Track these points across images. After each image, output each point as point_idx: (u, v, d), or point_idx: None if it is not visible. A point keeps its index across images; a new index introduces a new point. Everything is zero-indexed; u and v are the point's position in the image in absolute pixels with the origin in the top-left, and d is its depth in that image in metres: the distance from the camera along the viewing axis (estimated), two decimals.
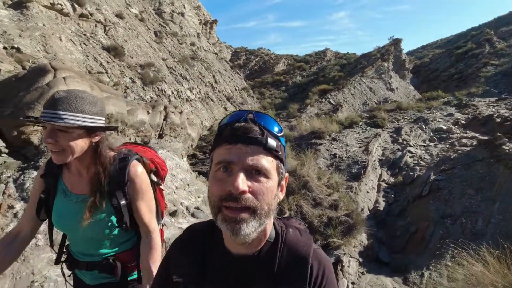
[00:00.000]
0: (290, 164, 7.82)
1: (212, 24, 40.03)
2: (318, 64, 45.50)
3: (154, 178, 1.50)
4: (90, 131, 1.21)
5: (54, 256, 1.43)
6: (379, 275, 5.00)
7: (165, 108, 5.82)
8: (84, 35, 13.45)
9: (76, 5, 13.83)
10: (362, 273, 5.00)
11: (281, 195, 0.72)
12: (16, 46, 9.19)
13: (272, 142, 0.65)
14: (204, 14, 38.93)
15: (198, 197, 5.45)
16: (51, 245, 1.42)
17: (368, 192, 7.68)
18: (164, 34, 23.77)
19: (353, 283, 4.74)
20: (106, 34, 15.23)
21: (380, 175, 8.64)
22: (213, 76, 24.60)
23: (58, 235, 1.65)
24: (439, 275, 4.70)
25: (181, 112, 6.17)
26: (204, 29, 37.83)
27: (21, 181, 2.94)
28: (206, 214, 4.81)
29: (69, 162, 1.22)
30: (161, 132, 5.64)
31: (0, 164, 2.94)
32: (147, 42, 19.26)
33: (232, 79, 28.91)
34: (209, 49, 31.52)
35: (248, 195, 0.63)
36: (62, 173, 1.34)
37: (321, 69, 40.98)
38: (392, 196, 7.46)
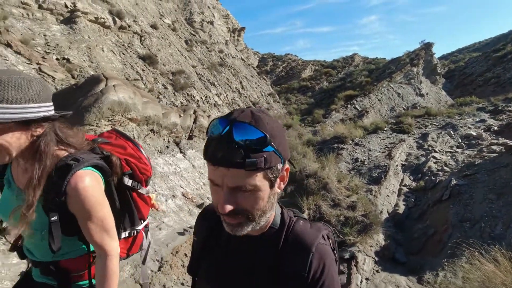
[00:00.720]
0: (311, 167, 8.13)
1: (240, 31, 41.09)
2: (345, 69, 45.12)
3: (127, 182, 1.29)
4: (24, 123, 0.99)
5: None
6: (394, 273, 5.19)
7: (195, 112, 6.40)
8: (123, 45, 14.62)
9: (116, 18, 15.07)
10: (377, 271, 5.21)
11: (282, 185, 0.73)
12: (66, 57, 10.32)
13: (252, 161, 0.62)
14: (232, 22, 40.11)
15: None
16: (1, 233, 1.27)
17: (388, 195, 7.79)
18: (194, 42, 24.92)
19: (367, 279, 4.97)
20: (142, 44, 16.38)
21: (402, 180, 8.69)
22: (240, 82, 25.34)
23: None
24: (453, 276, 4.81)
25: (209, 116, 6.74)
26: (232, 37, 38.95)
27: None
28: None
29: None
30: (190, 134, 6.21)
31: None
32: (178, 50, 20.35)
33: (258, 85, 29.54)
34: (237, 56, 32.44)
35: (237, 209, 0.67)
36: (12, 163, 1.17)
37: (348, 74, 40.64)
38: (413, 200, 7.53)
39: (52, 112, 1.05)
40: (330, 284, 0.71)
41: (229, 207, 0.65)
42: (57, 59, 9.93)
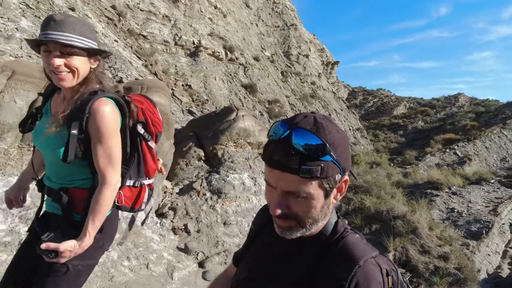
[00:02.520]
0: (400, 209, 8.01)
1: (334, 65, 41.85)
2: (446, 109, 41.21)
3: (140, 130, 1.42)
4: (91, 54, 1.25)
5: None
6: None
7: None
8: (230, 75, 16.81)
9: (228, 52, 17.49)
10: None
11: (339, 196, 0.72)
12: (189, 83, 12.56)
13: (307, 169, 0.62)
14: (327, 56, 41.23)
15: None
16: (32, 163, 1.47)
17: (489, 255, 7.08)
18: (289, 74, 26.60)
19: None
20: (245, 74, 18.47)
21: (510, 241, 7.76)
22: (329, 114, 25.74)
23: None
24: None
25: None
26: (325, 69, 39.93)
27: (209, 179, 4.60)
28: None
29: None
30: None
31: (200, 166, 4.70)
32: (275, 80, 22.10)
33: (347, 118, 29.39)
34: (328, 88, 33.08)
35: (288, 213, 0.67)
36: (52, 96, 1.37)
37: (450, 115, 37.06)
38: None
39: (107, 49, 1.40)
40: None
41: (279, 211, 0.66)
42: (182, 85, 12.18)
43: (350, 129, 27.66)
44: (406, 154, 20.73)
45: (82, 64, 1.23)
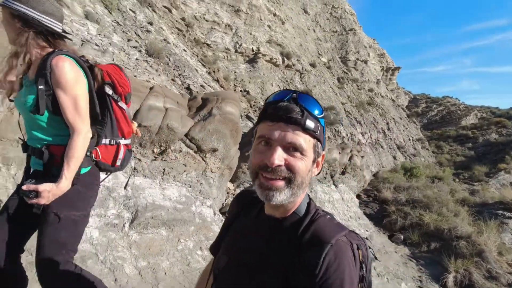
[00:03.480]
0: (464, 229, 7.50)
1: (394, 71, 39.76)
2: None
3: (108, 91, 1.54)
4: (15, 18, 1.37)
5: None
6: None
7: (351, 151, 7.19)
8: (286, 81, 17.10)
9: (285, 58, 17.82)
10: None
11: (316, 171, 0.77)
12: (247, 89, 13.14)
13: (310, 123, 0.69)
14: (387, 61, 39.33)
15: (366, 231, 6.38)
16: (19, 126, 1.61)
17: None
18: (345, 80, 26.02)
19: None
20: (301, 80, 18.61)
21: None
22: (387, 123, 24.57)
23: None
24: None
25: (362, 157, 7.38)
26: (384, 75, 38.13)
27: None
28: (373, 244, 5.70)
29: None
30: (344, 170, 7.01)
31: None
32: (330, 87, 21.84)
33: (406, 128, 27.74)
34: (387, 96, 31.55)
35: (283, 167, 0.69)
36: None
37: None
38: None
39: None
40: (342, 283, 0.64)
41: (278, 161, 0.68)
42: (240, 91, 12.79)
43: (409, 139, 26.05)
44: (474, 169, 18.92)
45: (6, 24, 1.40)
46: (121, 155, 1.62)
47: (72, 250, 1.48)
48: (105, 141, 1.55)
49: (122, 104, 1.60)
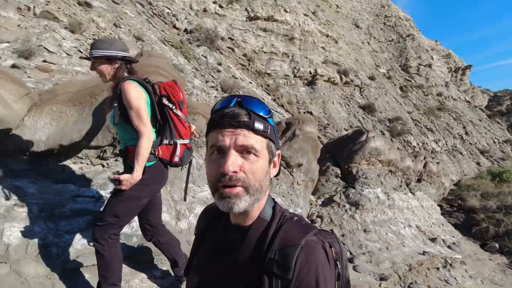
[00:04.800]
0: None
1: (465, 70, 36.60)
2: None
3: (165, 101, 1.96)
4: (109, 60, 1.89)
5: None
6: None
7: (425, 158, 7.22)
8: (346, 97, 17.32)
9: (343, 76, 18.14)
10: None
11: (274, 171, 0.76)
12: (309, 110, 13.79)
13: (259, 124, 0.69)
14: (455, 61, 36.49)
15: (452, 237, 6.30)
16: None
17: None
18: (409, 88, 24.96)
19: None
20: (361, 95, 18.59)
21: None
22: (464, 127, 22.63)
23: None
24: None
25: (438, 163, 7.33)
26: (454, 77, 35.33)
27: (346, 193, 5.35)
28: (462, 250, 5.64)
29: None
30: (419, 177, 7.05)
31: (338, 182, 5.54)
32: (393, 97, 21.23)
33: (489, 129, 25.06)
34: (459, 98, 29.11)
35: (240, 174, 0.68)
36: None
37: None
38: None
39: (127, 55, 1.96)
40: (316, 284, 0.63)
41: (233, 167, 0.66)
42: (304, 112, 13.48)
43: (495, 142, 23.43)
44: None
45: (102, 67, 1.91)
46: (178, 152, 1.98)
47: (121, 220, 1.92)
48: (165, 141, 1.95)
49: (177, 111, 2.00)
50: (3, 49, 5.37)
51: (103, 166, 2.83)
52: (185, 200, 1.92)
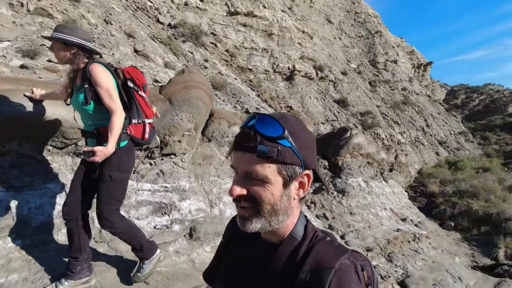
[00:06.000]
0: (511, 211, 8.20)
1: (426, 66, 39.34)
2: None
3: (130, 84, 2.05)
4: (66, 44, 1.92)
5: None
6: None
7: (395, 150, 8.30)
8: (322, 92, 18.37)
9: (318, 71, 19.14)
10: None
11: (302, 193, 0.72)
12: (289, 105, 14.61)
13: (263, 148, 0.65)
14: (417, 58, 39.10)
15: (418, 217, 7.44)
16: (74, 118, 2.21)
17: None
18: (377, 83, 26.66)
19: None
20: (335, 89, 19.74)
21: None
22: (425, 120, 24.73)
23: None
24: None
25: (406, 155, 8.45)
26: (416, 72, 37.89)
27: (334, 182, 6.22)
28: (426, 227, 6.76)
29: None
30: (391, 167, 8.12)
31: (326, 172, 6.39)
32: (364, 92, 22.68)
33: (446, 122, 27.52)
34: (421, 92, 31.47)
35: (247, 197, 0.68)
36: None
37: None
38: None
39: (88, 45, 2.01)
40: None
41: (237, 190, 0.67)
42: (284, 107, 14.29)
43: (451, 134, 25.86)
44: None
45: (59, 49, 1.96)
46: (147, 130, 2.14)
47: (120, 201, 2.09)
48: (134, 121, 2.07)
49: (141, 93, 2.15)
50: (5, 48, 5.52)
51: (150, 164, 3.39)
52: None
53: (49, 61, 5.72)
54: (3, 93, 2.37)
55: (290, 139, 0.66)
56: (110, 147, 1.86)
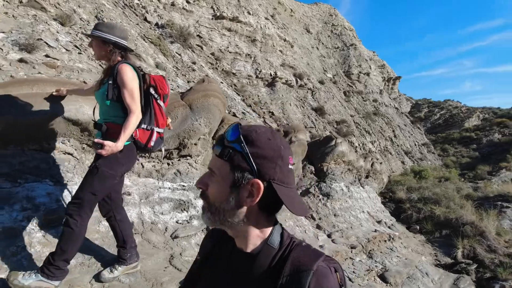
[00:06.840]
0: (468, 217, 9.21)
1: (395, 80, 41.83)
2: None
3: (152, 91, 2.13)
4: (104, 42, 2.03)
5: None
6: None
7: (371, 159, 9.05)
8: (301, 99, 19.13)
9: (298, 79, 19.91)
10: None
11: (250, 201, 0.71)
12: (271, 111, 15.14)
13: (217, 148, 0.73)
14: (388, 72, 41.47)
15: (390, 220, 8.18)
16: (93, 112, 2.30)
17: None
18: (351, 93, 28.05)
19: None
20: (313, 98, 20.62)
21: None
22: (393, 131, 26.39)
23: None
24: None
25: (381, 163, 9.24)
26: (386, 85, 40.18)
27: (319, 186, 6.76)
28: (397, 229, 7.49)
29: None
30: (367, 174, 8.85)
31: (312, 177, 6.92)
32: (339, 101, 23.83)
33: (412, 134, 29.51)
34: (390, 104, 33.48)
35: (206, 191, 0.75)
36: None
37: None
38: None
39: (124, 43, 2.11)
40: None
41: (198, 184, 0.76)
42: (267, 112, 14.80)
43: (415, 145, 27.78)
44: (478, 169, 20.57)
45: (96, 46, 2.09)
46: (154, 138, 2.15)
47: (96, 197, 2.02)
48: (143, 126, 2.10)
49: (160, 102, 2.19)
50: (1, 40, 5.47)
51: (168, 164, 3.68)
52: None
53: (47, 56, 5.75)
54: (47, 95, 2.59)
55: (243, 145, 0.69)
56: (119, 144, 1.91)
